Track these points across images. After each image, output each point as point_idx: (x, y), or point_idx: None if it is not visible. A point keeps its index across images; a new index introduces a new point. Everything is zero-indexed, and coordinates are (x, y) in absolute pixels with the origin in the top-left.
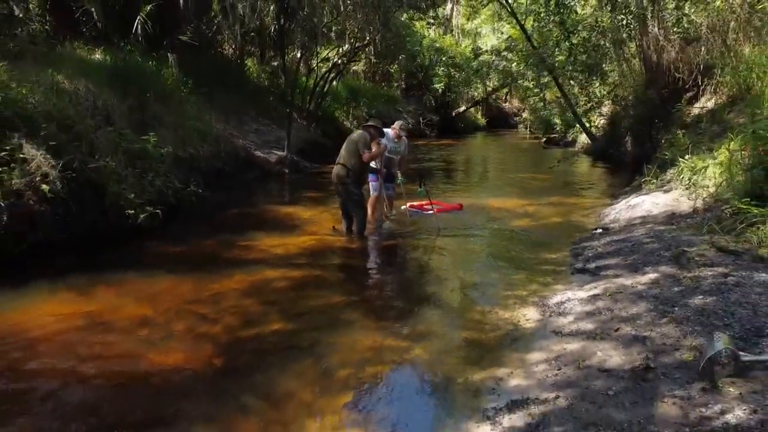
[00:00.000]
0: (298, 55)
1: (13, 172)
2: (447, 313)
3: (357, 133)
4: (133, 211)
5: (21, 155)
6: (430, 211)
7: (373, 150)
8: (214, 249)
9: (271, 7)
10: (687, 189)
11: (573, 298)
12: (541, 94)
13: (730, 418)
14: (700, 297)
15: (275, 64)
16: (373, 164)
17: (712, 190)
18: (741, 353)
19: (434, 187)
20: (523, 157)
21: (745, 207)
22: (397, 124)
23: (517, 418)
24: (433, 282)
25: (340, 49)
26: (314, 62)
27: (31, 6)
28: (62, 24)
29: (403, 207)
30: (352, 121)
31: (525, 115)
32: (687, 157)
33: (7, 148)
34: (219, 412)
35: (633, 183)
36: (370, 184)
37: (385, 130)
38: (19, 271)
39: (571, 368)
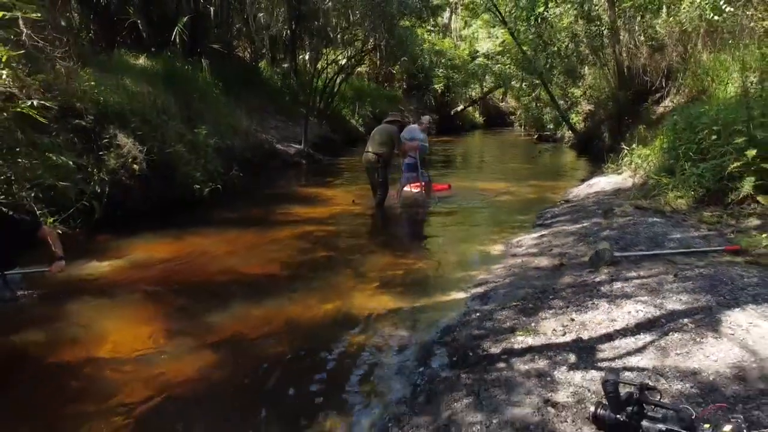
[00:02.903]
0: (306, 57)
1: (111, 155)
2: (441, 248)
3: (389, 127)
4: (198, 186)
5: (116, 142)
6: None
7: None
8: (262, 215)
9: (281, 10)
10: (633, 171)
11: (528, 238)
12: (533, 94)
13: (596, 279)
14: (608, 231)
15: (285, 66)
16: (410, 158)
17: (647, 170)
18: (615, 252)
19: (434, 174)
20: (514, 151)
21: (658, 179)
22: (425, 119)
23: (479, 288)
24: (431, 232)
25: (347, 53)
26: (323, 65)
27: (73, 16)
28: (105, 33)
29: (405, 188)
30: (358, 119)
31: (519, 113)
32: (634, 146)
33: (107, 137)
34: (298, 287)
35: (600, 169)
36: (405, 175)
37: (413, 126)
38: (122, 229)
39: (517, 269)
